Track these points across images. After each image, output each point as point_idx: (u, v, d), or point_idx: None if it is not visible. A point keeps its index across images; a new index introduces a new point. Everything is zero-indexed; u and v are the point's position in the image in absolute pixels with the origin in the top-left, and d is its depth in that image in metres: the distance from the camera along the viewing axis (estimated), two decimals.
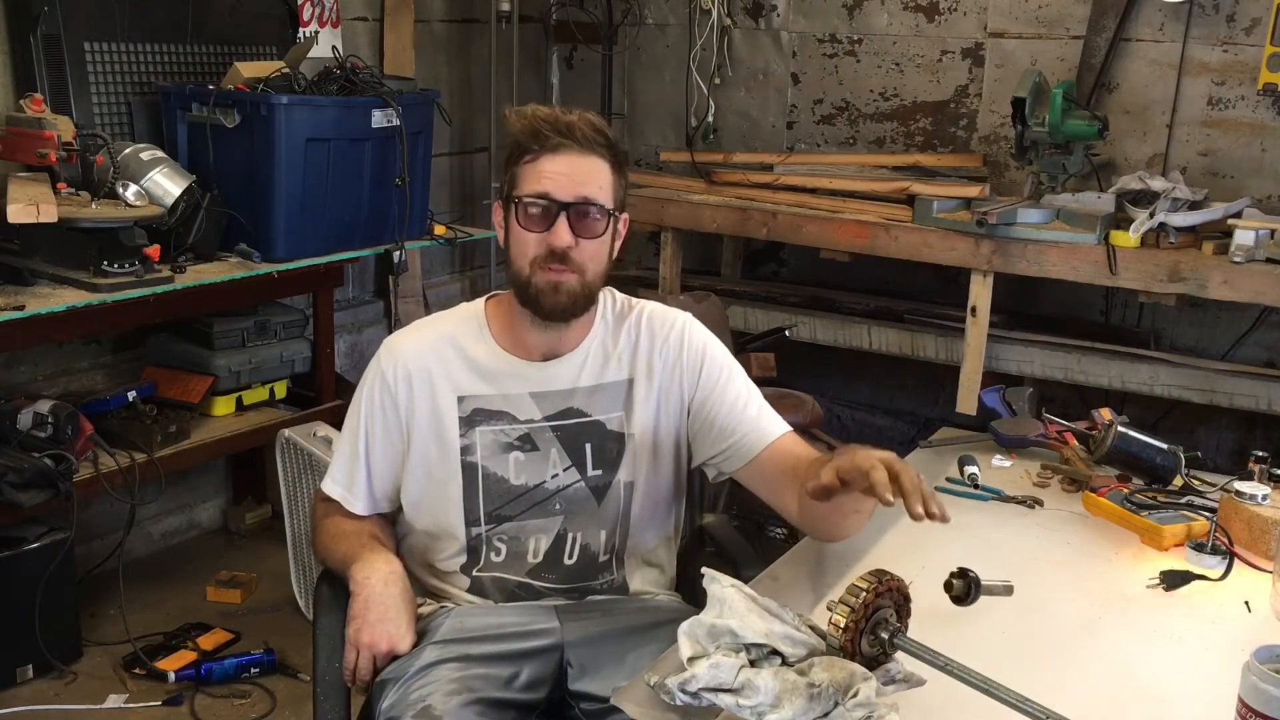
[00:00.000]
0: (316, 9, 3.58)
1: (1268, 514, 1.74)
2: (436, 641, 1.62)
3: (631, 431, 1.72)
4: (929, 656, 1.29)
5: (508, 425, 1.68)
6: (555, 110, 1.61)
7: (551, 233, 1.58)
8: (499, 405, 1.68)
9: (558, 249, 1.58)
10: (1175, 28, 3.37)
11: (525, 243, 1.61)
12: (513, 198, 1.62)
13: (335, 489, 1.75)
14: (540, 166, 1.59)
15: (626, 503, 1.73)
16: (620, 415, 1.72)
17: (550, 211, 1.59)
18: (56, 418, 2.70)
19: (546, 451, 1.69)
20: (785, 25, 4.04)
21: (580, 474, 1.70)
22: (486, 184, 4.19)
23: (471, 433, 1.67)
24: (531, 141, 1.60)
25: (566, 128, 1.59)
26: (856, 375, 4.05)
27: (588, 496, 1.70)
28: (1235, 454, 3.41)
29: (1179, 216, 3.06)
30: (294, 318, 3.37)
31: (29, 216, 2.47)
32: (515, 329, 1.70)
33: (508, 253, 1.65)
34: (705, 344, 1.77)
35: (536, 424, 1.69)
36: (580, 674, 1.62)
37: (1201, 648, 1.49)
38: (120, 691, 2.76)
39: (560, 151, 1.59)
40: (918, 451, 2.17)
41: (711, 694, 1.27)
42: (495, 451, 1.68)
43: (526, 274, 1.61)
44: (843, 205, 3.52)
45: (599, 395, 1.71)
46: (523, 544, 1.70)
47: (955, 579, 1.47)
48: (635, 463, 1.72)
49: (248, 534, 3.59)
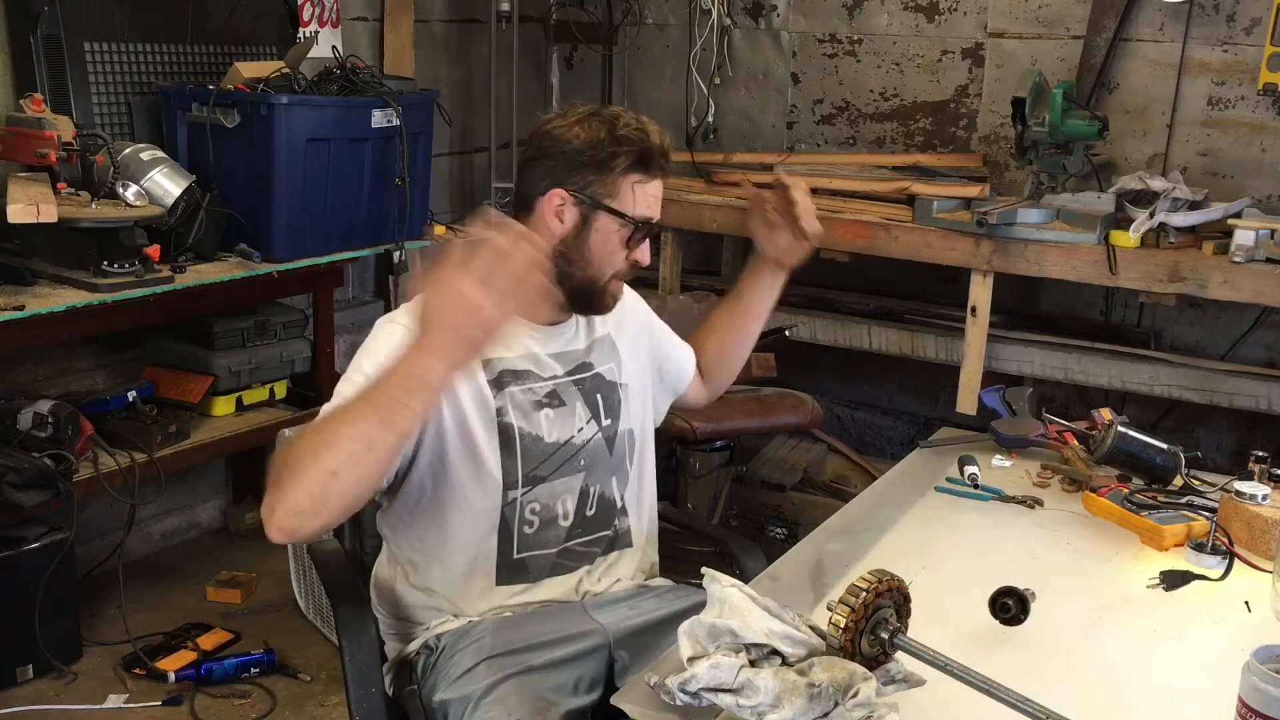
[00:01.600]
0: (316, 9, 3.59)
1: (1268, 514, 1.74)
2: (489, 657, 1.60)
3: (624, 381, 1.83)
4: (929, 656, 1.29)
5: (534, 383, 1.72)
6: (655, 128, 1.70)
7: (641, 252, 1.72)
8: (524, 365, 1.72)
9: (640, 266, 1.73)
10: (1175, 28, 3.37)
11: (617, 256, 1.70)
12: (611, 208, 1.67)
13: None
14: (650, 191, 1.70)
15: (631, 449, 1.83)
16: (613, 366, 1.83)
17: (647, 234, 1.71)
18: (56, 418, 2.70)
19: (572, 406, 1.75)
20: (785, 25, 4.04)
21: (598, 425, 1.77)
22: (486, 184, 4.19)
23: (502, 393, 1.69)
24: (652, 163, 1.69)
25: (668, 155, 1.72)
26: (856, 375, 4.05)
27: (603, 447, 1.78)
28: (1235, 454, 3.41)
29: (1179, 216, 3.06)
30: (294, 318, 3.37)
31: (29, 216, 2.47)
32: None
33: (574, 250, 1.68)
34: (637, 299, 1.94)
35: (560, 379, 1.75)
36: (625, 668, 1.64)
37: (1201, 648, 1.49)
38: (120, 691, 2.76)
39: (659, 177, 1.72)
40: (918, 451, 2.17)
41: (711, 694, 1.27)
42: (527, 410, 1.71)
43: (604, 282, 1.72)
44: (843, 205, 3.52)
45: (596, 349, 1.81)
46: (553, 509, 1.72)
47: (1007, 599, 1.44)
48: (631, 411, 1.83)
49: (248, 534, 3.59)
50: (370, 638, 1.67)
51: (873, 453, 3.96)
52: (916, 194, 3.40)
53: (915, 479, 2.00)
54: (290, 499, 1.32)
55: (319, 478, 1.31)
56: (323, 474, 1.31)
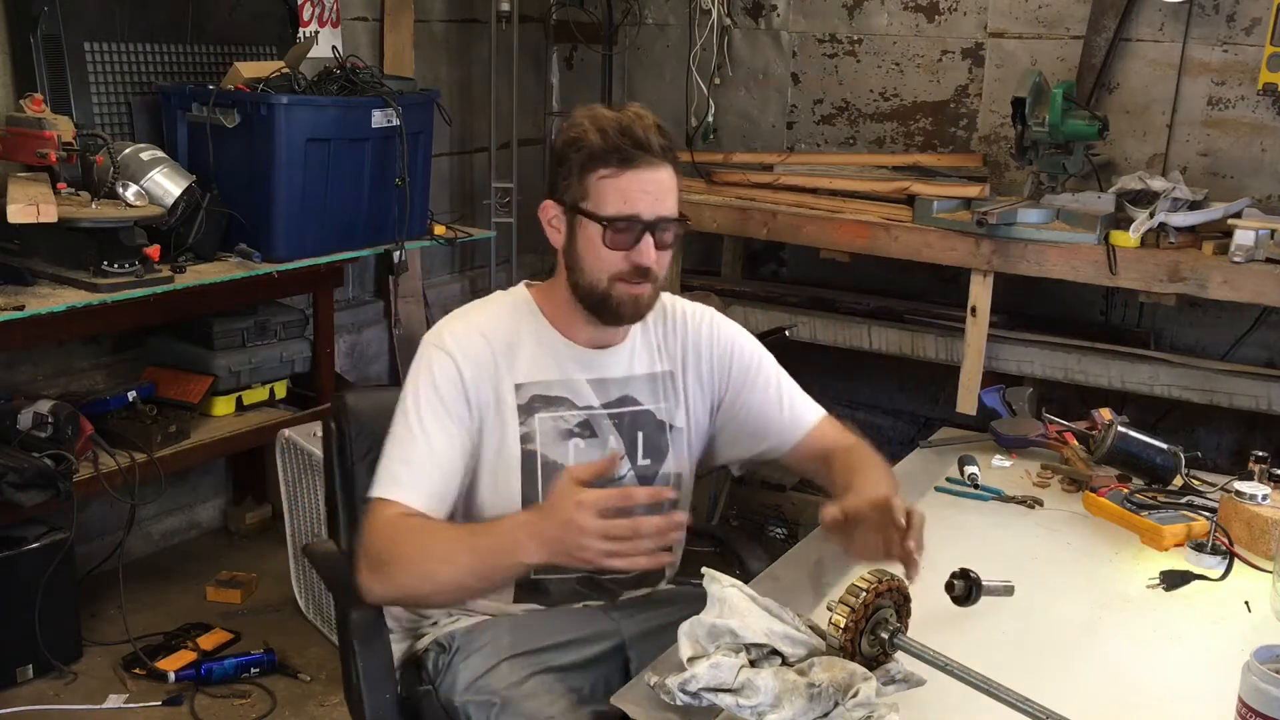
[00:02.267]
0: (316, 9, 3.58)
1: (1268, 514, 1.74)
2: (510, 657, 1.57)
3: (677, 424, 1.74)
4: (929, 656, 1.29)
5: (566, 411, 1.67)
6: (623, 117, 1.59)
7: (637, 252, 1.59)
8: (558, 391, 1.67)
9: (643, 267, 1.60)
10: (1175, 28, 3.36)
11: (607, 259, 1.60)
12: (586, 210, 1.60)
13: (414, 496, 1.56)
14: (622, 184, 1.58)
15: (675, 494, 1.74)
16: (667, 406, 1.74)
17: (635, 231, 1.59)
18: (56, 418, 2.70)
19: (605, 439, 1.69)
20: (785, 25, 4.04)
21: (631, 463, 1.71)
22: (486, 184, 4.19)
23: (530, 420, 1.66)
24: (610, 155, 1.57)
25: (645, 142, 1.57)
26: (856, 375, 4.04)
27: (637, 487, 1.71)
28: (1235, 454, 3.41)
29: (1179, 216, 3.06)
30: (294, 318, 3.37)
31: (29, 216, 2.47)
32: (568, 318, 1.69)
33: (571, 257, 1.64)
34: (732, 340, 1.79)
35: (595, 411, 1.69)
36: (639, 669, 1.61)
37: (1201, 648, 1.49)
38: (120, 691, 2.76)
39: (639, 166, 1.58)
40: (918, 451, 2.17)
41: (711, 694, 1.27)
42: (555, 439, 1.67)
43: (604, 286, 1.61)
44: (843, 205, 3.51)
45: (649, 385, 1.73)
46: None
47: (956, 580, 1.48)
48: (679, 455, 1.75)
49: (248, 534, 3.59)
50: (384, 642, 1.66)
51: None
52: (916, 194, 3.40)
53: (915, 479, 2.00)
54: (390, 595, 1.57)
55: (417, 592, 1.56)
56: (421, 593, 1.56)
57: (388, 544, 1.51)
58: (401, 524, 1.53)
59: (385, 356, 4.09)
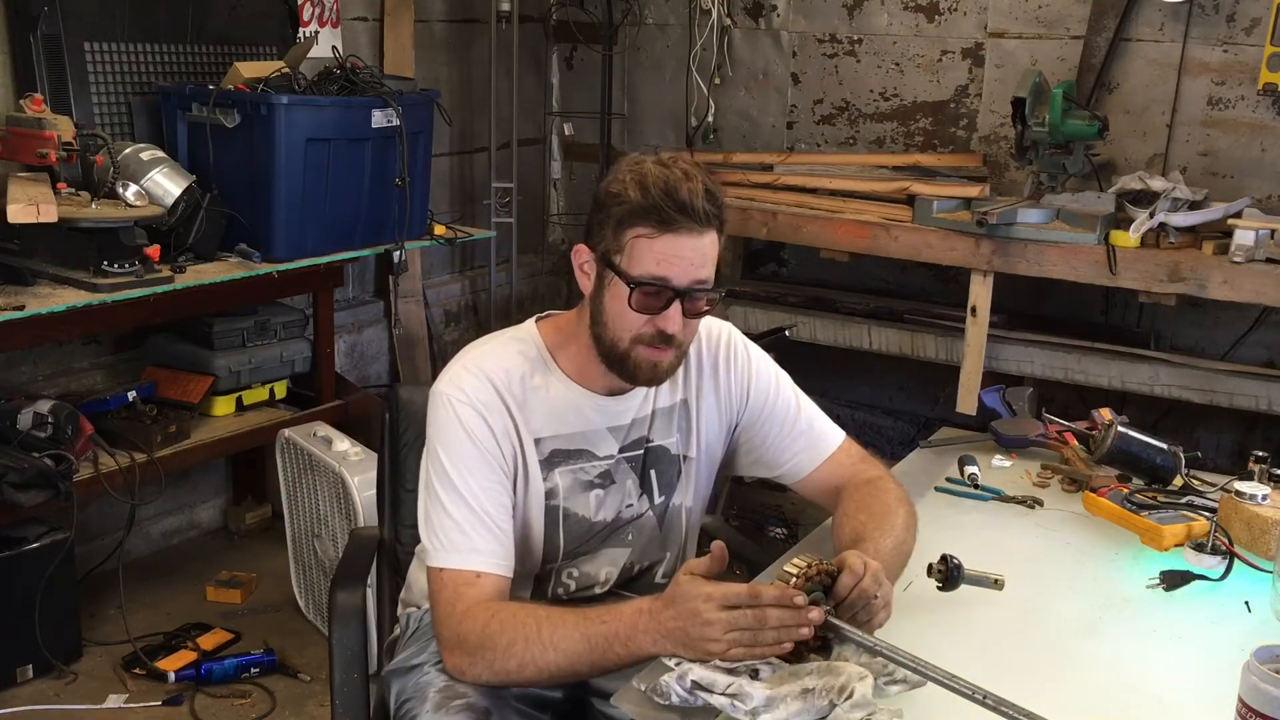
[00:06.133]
0: (316, 9, 3.59)
1: (1268, 514, 1.73)
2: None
3: (689, 454, 1.72)
4: (858, 638, 1.31)
5: (587, 463, 1.64)
6: (671, 175, 1.49)
7: (663, 317, 1.52)
8: (578, 444, 1.63)
9: (668, 334, 1.54)
10: (1175, 28, 3.36)
11: (632, 320, 1.53)
12: (616, 266, 1.52)
13: (481, 560, 1.52)
14: (657, 247, 1.49)
15: (686, 526, 1.74)
16: (678, 439, 1.71)
17: (665, 297, 1.51)
18: (56, 418, 2.70)
19: (623, 484, 1.67)
20: (785, 25, 4.04)
21: (649, 502, 1.69)
22: (486, 184, 4.19)
23: (552, 475, 1.62)
24: (649, 214, 1.48)
25: (688, 207, 1.48)
26: (856, 375, 4.05)
27: (653, 524, 1.70)
28: (1235, 454, 3.41)
29: (1179, 216, 3.06)
30: (294, 318, 3.37)
31: (29, 216, 2.47)
32: (586, 364, 1.62)
33: (596, 308, 1.57)
34: (749, 360, 1.75)
35: (614, 459, 1.65)
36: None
37: (1201, 648, 1.49)
38: (120, 691, 2.76)
39: (678, 231, 1.49)
40: (918, 451, 2.17)
41: (706, 694, 1.27)
42: (576, 491, 1.63)
43: (625, 346, 1.55)
44: (843, 205, 3.51)
45: (660, 420, 1.69)
46: (593, 576, 1.68)
47: (937, 565, 1.49)
48: (689, 485, 1.72)
49: (248, 534, 3.59)
50: (361, 625, 1.68)
51: (873, 452, 3.95)
52: (916, 194, 3.40)
53: (915, 479, 2.00)
54: (489, 679, 1.47)
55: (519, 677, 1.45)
56: (524, 678, 1.45)
57: (481, 628, 1.45)
58: (495, 606, 1.48)
59: (385, 356, 4.10)
